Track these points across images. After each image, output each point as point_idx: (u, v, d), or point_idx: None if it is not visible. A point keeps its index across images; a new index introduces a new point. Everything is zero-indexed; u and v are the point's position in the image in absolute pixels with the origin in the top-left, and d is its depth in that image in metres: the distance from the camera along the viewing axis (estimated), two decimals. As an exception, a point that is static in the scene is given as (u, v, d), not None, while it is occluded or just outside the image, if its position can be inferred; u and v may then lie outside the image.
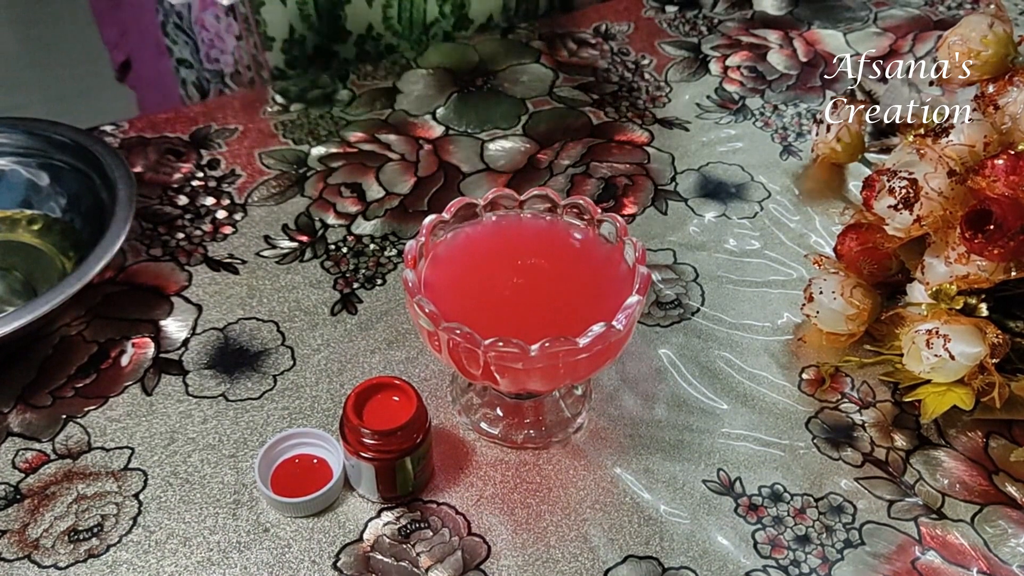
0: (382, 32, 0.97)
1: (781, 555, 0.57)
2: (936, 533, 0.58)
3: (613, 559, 0.57)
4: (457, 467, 0.61)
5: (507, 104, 0.89)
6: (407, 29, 0.96)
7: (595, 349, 0.53)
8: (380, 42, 0.98)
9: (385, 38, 0.98)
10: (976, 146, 0.60)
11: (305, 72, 0.97)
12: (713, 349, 0.68)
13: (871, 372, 0.67)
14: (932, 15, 1.02)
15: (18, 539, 0.57)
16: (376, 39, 0.97)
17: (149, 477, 0.60)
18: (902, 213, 0.61)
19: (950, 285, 0.61)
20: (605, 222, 0.60)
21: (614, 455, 0.62)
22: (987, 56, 0.63)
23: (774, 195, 0.80)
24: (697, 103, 0.90)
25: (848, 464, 0.62)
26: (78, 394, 0.64)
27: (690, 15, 1.01)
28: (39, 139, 0.74)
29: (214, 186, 0.80)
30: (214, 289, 0.72)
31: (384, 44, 0.99)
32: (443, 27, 0.98)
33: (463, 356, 0.54)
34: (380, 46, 0.98)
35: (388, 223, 0.77)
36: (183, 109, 0.87)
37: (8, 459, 0.61)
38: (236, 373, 0.66)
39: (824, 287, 0.66)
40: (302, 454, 0.60)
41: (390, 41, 0.98)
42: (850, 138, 0.79)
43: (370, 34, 0.96)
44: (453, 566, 0.56)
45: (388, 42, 0.98)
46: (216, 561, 0.56)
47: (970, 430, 0.64)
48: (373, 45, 0.97)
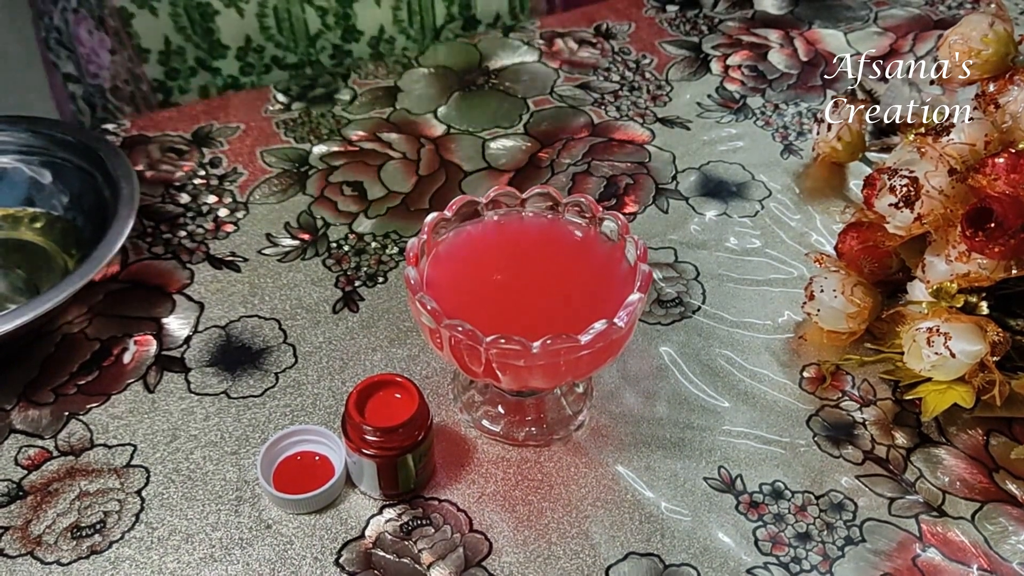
0: (260, 41, 0.95)
1: (782, 552, 0.57)
2: (937, 530, 0.59)
3: (614, 556, 0.57)
4: (459, 464, 0.61)
5: (508, 103, 0.89)
6: (290, 38, 0.95)
7: (596, 346, 0.53)
8: (263, 54, 0.96)
9: (267, 49, 0.96)
10: (977, 145, 0.60)
11: (188, 81, 0.96)
12: (714, 347, 0.69)
13: (872, 370, 0.67)
14: (932, 15, 1.02)
15: (21, 536, 0.57)
16: (258, 51, 0.96)
17: (151, 474, 0.60)
18: (903, 211, 0.61)
19: (951, 283, 0.61)
20: (606, 220, 0.60)
21: (615, 452, 0.62)
22: (987, 55, 0.63)
23: (775, 194, 0.81)
24: (698, 102, 0.90)
25: (849, 462, 0.62)
26: (80, 391, 0.65)
27: (691, 14, 1.01)
28: (42, 137, 0.74)
29: (216, 184, 0.80)
30: (216, 287, 0.72)
31: (269, 55, 0.97)
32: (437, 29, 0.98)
33: (465, 353, 0.54)
34: (264, 57, 0.97)
35: (389, 221, 0.77)
36: (185, 108, 0.87)
37: (11, 456, 0.61)
38: (238, 370, 0.66)
39: (825, 285, 0.66)
40: (304, 451, 0.60)
41: (274, 53, 0.97)
42: (851, 137, 0.80)
43: (250, 45, 0.95)
44: (455, 563, 0.56)
45: (272, 53, 0.97)
46: (218, 557, 0.56)
47: (970, 428, 0.64)
48: (256, 57, 0.96)
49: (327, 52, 0.97)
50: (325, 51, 0.97)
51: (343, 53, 0.99)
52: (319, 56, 0.98)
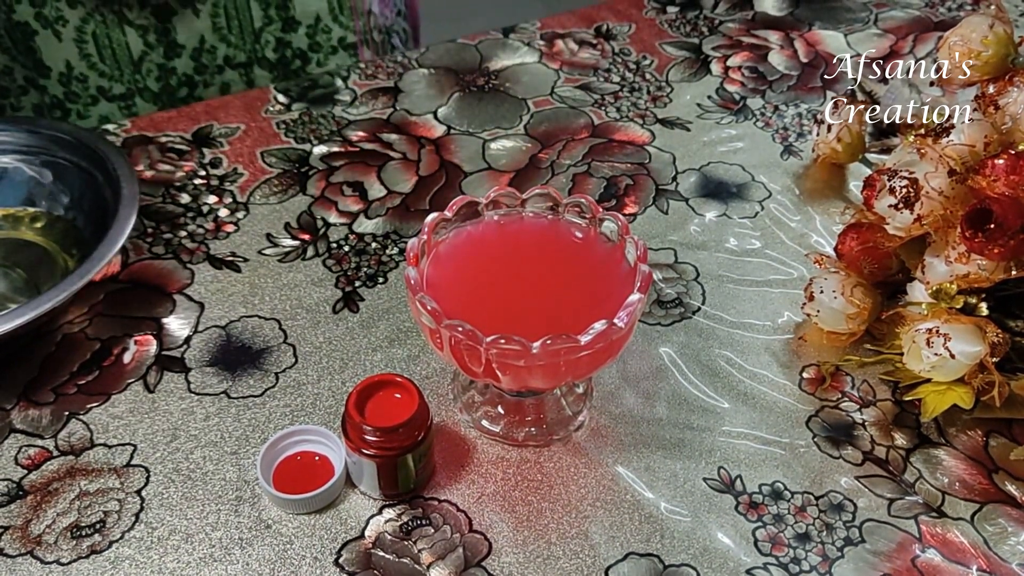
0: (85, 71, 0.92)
1: (781, 553, 0.57)
2: (936, 531, 0.59)
3: (614, 556, 0.57)
4: (458, 464, 0.61)
5: (509, 104, 0.89)
6: (113, 66, 0.91)
7: (596, 347, 0.53)
8: (87, 83, 0.92)
9: (91, 79, 0.93)
10: (976, 146, 0.60)
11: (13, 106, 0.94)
12: (714, 348, 0.69)
13: (871, 371, 0.67)
14: (932, 16, 1.02)
15: (21, 535, 0.57)
16: (82, 79, 0.92)
17: (151, 474, 0.60)
18: (902, 212, 0.61)
19: (950, 284, 0.61)
20: (606, 221, 0.60)
21: (615, 453, 0.62)
22: (987, 56, 0.63)
23: (775, 195, 0.81)
24: (698, 103, 0.90)
25: (848, 462, 0.62)
26: (80, 391, 0.65)
27: (691, 16, 1.01)
28: (42, 137, 0.74)
29: (216, 184, 0.80)
30: (216, 287, 0.72)
31: (94, 84, 0.94)
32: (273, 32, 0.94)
33: (465, 353, 0.54)
34: (89, 87, 0.93)
35: (390, 221, 0.77)
36: (185, 108, 0.87)
37: (11, 455, 0.61)
38: (238, 370, 0.66)
39: (825, 286, 0.66)
40: (304, 451, 0.60)
41: (99, 82, 0.93)
42: (851, 138, 0.80)
43: (72, 73, 0.92)
44: (454, 563, 0.56)
45: (98, 83, 0.93)
46: (218, 557, 0.56)
47: (970, 429, 0.64)
48: (80, 86, 0.93)
49: (153, 75, 0.95)
50: (151, 74, 0.95)
51: (166, 72, 0.96)
52: (145, 82, 0.95)
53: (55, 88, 0.93)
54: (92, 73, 0.92)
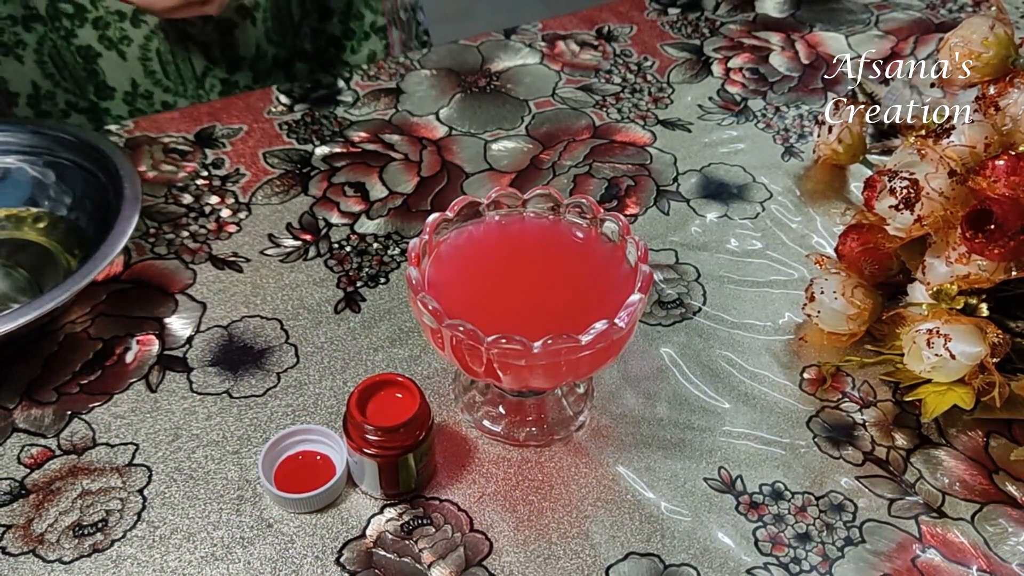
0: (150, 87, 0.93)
1: (782, 553, 0.57)
2: (936, 531, 0.59)
3: (614, 556, 0.57)
4: (459, 464, 0.61)
5: (510, 105, 0.89)
6: (178, 82, 0.93)
7: (597, 347, 0.53)
8: (152, 99, 0.94)
9: (156, 94, 0.94)
10: (977, 147, 0.61)
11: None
12: (715, 348, 0.69)
13: (872, 371, 0.67)
14: (933, 18, 1.02)
15: (23, 534, 0.57)
16: (147, 95, 0.93)
17: (153, 473, 0.60)
18: (903, 213, 0.61)
19: (951, 285, 0.61)
20: (607, 221, 0.60)
21: (616, 453, 0.62)
22: (988, 58, 0.63)
23: (776, 196, 0.81)
24: (699, 104, 0.90)
25: (849, 463, 0.62)
26: (83, 390, 0.65)
27: (692, 17, 1.01)
28: (45, 137, 0.74)
29: (218, 185, 0.80)
30: (218, 287, 0.72)
31: (159, 100, 0.94)
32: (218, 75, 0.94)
33: (466, 353, 0.54)
34: (154, 102, 0.94)
35: (391, 222, 0.78)
36: (188, 109, 0.87)
37: (13, 455, 0.61)
38: (240, 370, 0.66)
39: (825, 287, 0.66)
40: (305, 450, 0.60)
41: (164, 98, 0.94)
42: (851, 139, 0.80)
43: (137, 91, 0.93)
44: (455, 562, 0.56)
45: (163, 98, 0.94)
46: (220, 556, 0.56)
47: (970, 429, 0.64)
48: (145, 102, 0.94)
49: (216, 89, 0.96)
50: (215, 89, 0.96)
51: (228, 85, 0.97)
52: (208, 96, 0.95)
53: (119, 108, 0.94)
54: (157, 89, 0.94)
